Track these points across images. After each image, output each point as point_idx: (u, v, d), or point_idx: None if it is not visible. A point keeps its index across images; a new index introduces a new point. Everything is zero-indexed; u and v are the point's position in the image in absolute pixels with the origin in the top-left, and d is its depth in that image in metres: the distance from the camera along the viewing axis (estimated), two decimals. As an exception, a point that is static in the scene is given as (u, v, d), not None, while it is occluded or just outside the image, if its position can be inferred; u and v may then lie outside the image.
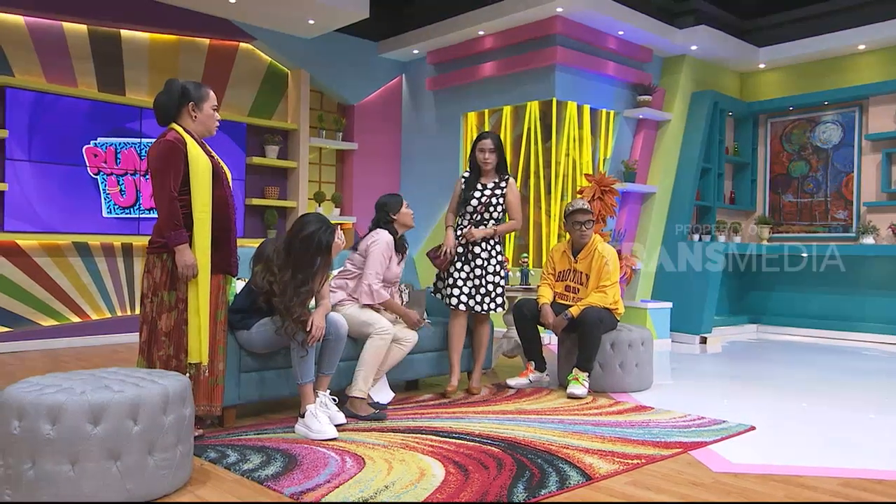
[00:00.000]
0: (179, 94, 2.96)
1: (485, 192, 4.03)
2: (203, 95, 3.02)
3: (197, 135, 3.02)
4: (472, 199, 4.03)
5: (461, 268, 4.01)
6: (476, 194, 4.04)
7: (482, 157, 4.04)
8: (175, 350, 2.88)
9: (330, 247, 3.13)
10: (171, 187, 2.83)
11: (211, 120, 3.05)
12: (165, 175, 2.83)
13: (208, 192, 2.91)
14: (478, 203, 4.02)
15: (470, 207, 4.03)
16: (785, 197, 7.75)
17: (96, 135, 5.81)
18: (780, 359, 5.81)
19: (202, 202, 2.89)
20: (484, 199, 4.02)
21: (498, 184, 4.07)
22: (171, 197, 2.83)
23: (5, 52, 5.42)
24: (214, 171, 2.97)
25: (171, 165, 2.84)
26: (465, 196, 4.06)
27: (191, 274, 2.85)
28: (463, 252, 4.02)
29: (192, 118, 3.00)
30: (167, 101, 2.96)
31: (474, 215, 4.03)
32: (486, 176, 4.08)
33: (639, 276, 6.81)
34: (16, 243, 5.47)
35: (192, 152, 2.90)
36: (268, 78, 6.95)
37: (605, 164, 6.84)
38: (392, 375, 3.81)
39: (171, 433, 2.22)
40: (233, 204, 3.08)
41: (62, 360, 5.02)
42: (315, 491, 2.34)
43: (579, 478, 2.53)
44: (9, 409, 2.04)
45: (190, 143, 2.92)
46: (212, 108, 3.05)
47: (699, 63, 7.34)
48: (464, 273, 4.00)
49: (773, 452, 2.98)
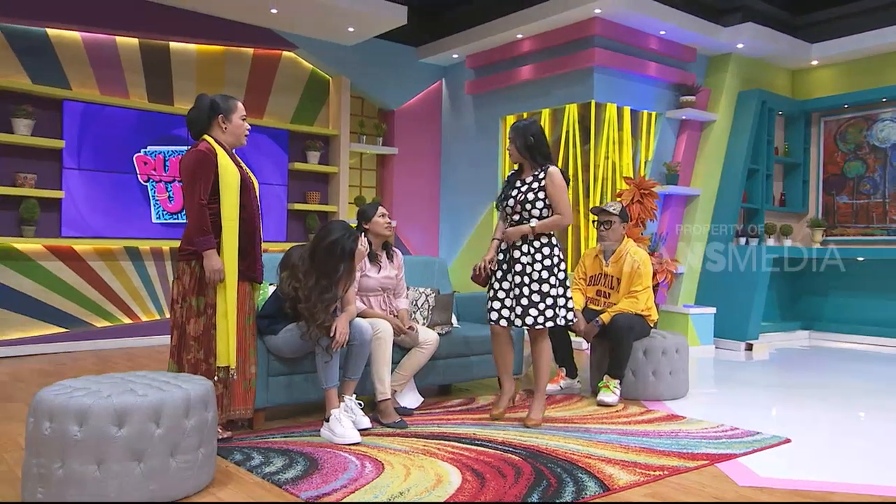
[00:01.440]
0: (209, 107, 3.08)
1: (521, 189, 3.49)
2: (231, 107, 3.12)
3: (228, 145, 3.12)
4: (509, 199, 3.52)
5: (502, 277, 3.52)
6: (513, 192, 3.51)
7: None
8: (204, 354, 2.99)
9: (353, 254, 3.18)
10: (201, 195, 2.94)
11: (240, 130, 3.15)
12: (195, 183, 2.94)
13: (237, 201, 3.01)
14: (514, 201, 3.48)
15: (508, 208, 3.52)
16: (839, 198, 7.44)
17: (146, 143, 6.05)
18: (831, 367, 5.59)
19: (230, 210, 2.99)
20: (520, 196, 3.46)
21: (536, 176, 3.49)
22: (200, 204, 2.94)
23: (63, 67, 5.71)
24: (242, 181, 3.06)
25: (201, 174, 2.95)
26: (504, 195, 3.56)
27: (217, 278, 2.95)
28: (504, 258, 3.53)
29: (222, 129, 3.10)
30: (198, 116, 3.08)
31: (513, 216, 3.49)
32: (527, 171, 3.55)
33: (681, 280, 6.66)
34: (72, 248, 5.75)
35: (223, 162, 3.00)
36: (310, 85, 7.10)
37: (646, 166, 6.72)
38: (423, 381, 3.84)
39: (193, 436, 2.31)
40: (259, 213, 3.17)
41: (113, 360, 5.25)
42: (330, 495, 2.39)
43: (596, 488, 2.50)
44: (41, 411, 2.16)
45: (220, 154, 3.02)
46: (241, 118, 3.15)
47: (746, 61, 7.13)
48: (505, 283, 3.50)
49: (807, 467, 2.87)
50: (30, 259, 5.56)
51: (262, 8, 6.02)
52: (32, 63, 5.56)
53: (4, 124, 5.38)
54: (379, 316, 3.59)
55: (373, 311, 3.63)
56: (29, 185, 5.42)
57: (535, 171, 3.51)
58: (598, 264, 4.22)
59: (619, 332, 3.93)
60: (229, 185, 2.99)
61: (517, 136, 3.49)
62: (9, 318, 5.45)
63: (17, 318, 5.49)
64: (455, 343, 3.97)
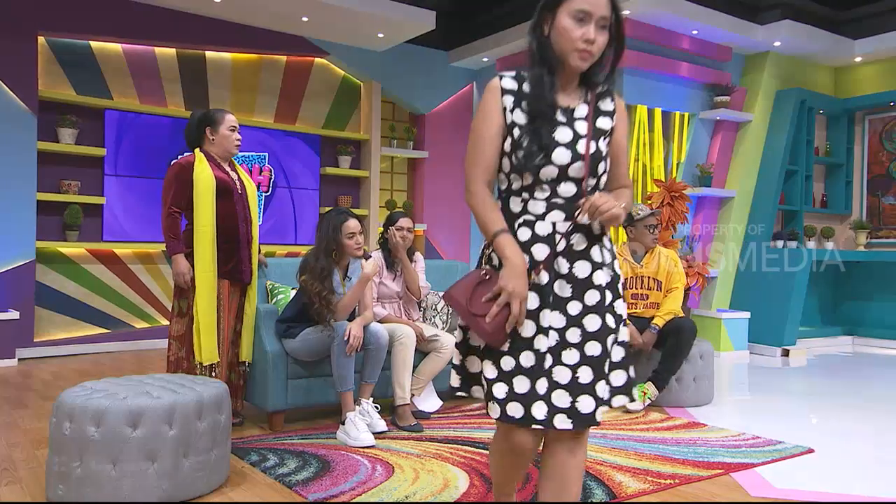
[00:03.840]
0: (198, 121, 3.31)
1: (580, 128, 1.69)
2: (219, 119, 3.32)
3: (217, 156, 3.32)
4: (557, 147, 1.65)
5: (537, 328, 1.65)
6: (570, 134, 1.67)
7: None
8: (185, 352, 3.22)
9: (339, 227, 3.28)
10: (171, 203, 3.18)
11: (228, 140, 3.33)
12: (167, 192, 3.22)
13: (210, 209, 3.19)
14: (577, 153, 1.66)
15: (554, 167, 1.65)
16: (885, 199, 7.18)
17: (182, 151, 6.25)
18: (873, 374, 5.39)
19: (202, 217, 3.18)
20: (592, 145, 1.68)
21: (599, 106, 1.74)
22: (169, 212, 3.19)
23: (105, 78, 5.95)
24: (225, 187, 3.23)
25: (173, 184, 3.20)
26: (539, 138, 1.65)
27: (181, 281, 3.18)
28: (544, 284, 1.66)
29: (210, 141, 3.32)
30: (189, 130, 3.33)
31: (560, 182, 1.67)
32: (568, 89, 1.73)
33: (714, 284, 6.53)
34: (113, 252, 5.99)
35: (197, 170, 3.18)
36: (341, 90, 7.21)
37: (678, 168, 6.60)
38: (442, 384, 3.87)
39: (205, 437, 2.39)
40: (246, 217, 3.34)
41: (151, 360, 5.44)
42: (338, 497, 2.44)
43: (603, 496, 2.49)
44: (62, 412, 2.27)
45: (199, 163, 3.21)
46: (228, 129, 3.33)
47: (784, 59, 6.94)
48: (545, 340, 1.64)
49: (828, 478, 2.80)
50: (73, 262, 5.81)
51: (295, 16, 6.15)
52: (77, 75, 5.81)
53: (50, 134, 5.64)
54: (403, 322, 3.65)
55: (395, 318, 3.68)
56: (73, 192, 5.67)
57: (587, 92, 1.74)
58: (628, 267, 4.17)
59: (684, 335, 3.86)
60: (201, 193, 3.18)
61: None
62: (54, 319, 5.70)
63: (61, 319, 5.75)
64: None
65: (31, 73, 5.45)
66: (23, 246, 5.40)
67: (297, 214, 6.88)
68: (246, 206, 3.36)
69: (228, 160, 3.40)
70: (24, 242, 5.40)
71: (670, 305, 3.98)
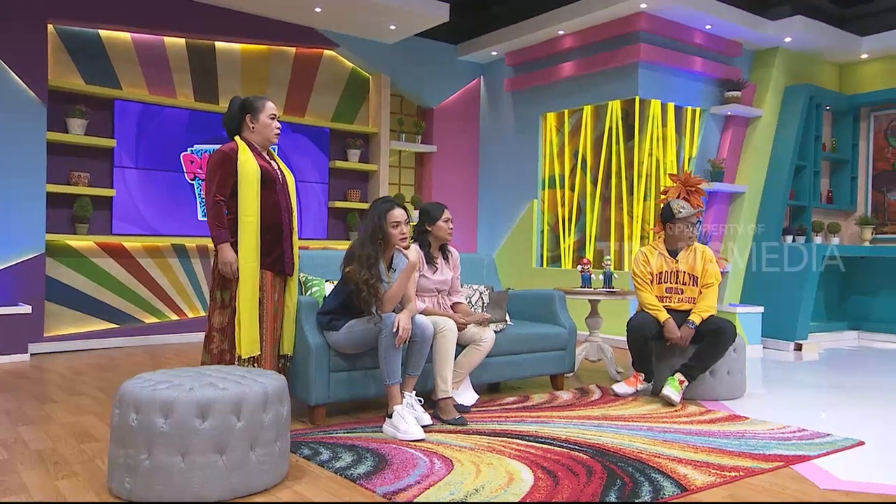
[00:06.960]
0: (239, 108, 3.22)
1: None
2: (259, 107, 3.23)
3: (258, 144, 3.23)
4: None
5: None
6: None
7: None
8: (228, 345, 3.12)
9: (384, 215, 3.21)
10: (216, 191, 3.07)
11: (268, 129, 3.24)
12: (211, 181, 3.09)
13: (255, 198, 3.10)
14: None
15: None
16: (890, 195, 7.26)
17: (192, 142, 6.13)
18: (885, 368, 5.45)
19: (247, 206, 3.09)
20: None
21: None
22: (214, 200, 3.07)
23: (114, 67, 5.80)
24: (268, 177, 3.15)
25: (218, 172, 3.08)
26: None
27: (228, 271, 3.07)
28: None
29: (250, 129, 3.22)
30: (229, 117, 3.22)
31: None
32: None
33: (727, 279, 6.55)
34: (122, 245, 5.84)
35: (241, 159, 3.10)
36: (350, 83, 7.12)
37: (690, 163, 6.62)
38: (476, 379, 3.82)
39: (270, 430, 2.32)
40: (288, 207, 3.26)
41: (163, 355, 5.31)
42: (406, 491, 2.38)
43: (674, 489, 2.46)
44: (127, 403, 2.19)
45: (243, 152, 3.12)
46: (269, 117, 3.24)
47: (794, 55, 6.99)
48: None
49: (887, 471, 2.79)
50: (82, 256, 5.66)
51: (308, 6, 6.05)
52: (86, 64, 5.66)
53: (60, 124, 5.48)
54: (443, 314, 3.58)
55: (436, 310, 3.62)
56: (82, 184, 5.52)
57: None
58: (665, 261, 4.14)
59: (724, 337, 3.87)
60: (246, 183, 3.09)
61: None
62: (63, 314, 5.55)
63: (70, 314, 5.60)
64: (509, 341, 3.95)
65: (42, 62, 5.30)
66: (33, 239, 5.25)
67: (303, 208, 6.76)
68: (287, 197, 3.29)
69: (267, 149, 3.32)
70: (34, 235, 5.25)
71: (708, 301, 3.98)
